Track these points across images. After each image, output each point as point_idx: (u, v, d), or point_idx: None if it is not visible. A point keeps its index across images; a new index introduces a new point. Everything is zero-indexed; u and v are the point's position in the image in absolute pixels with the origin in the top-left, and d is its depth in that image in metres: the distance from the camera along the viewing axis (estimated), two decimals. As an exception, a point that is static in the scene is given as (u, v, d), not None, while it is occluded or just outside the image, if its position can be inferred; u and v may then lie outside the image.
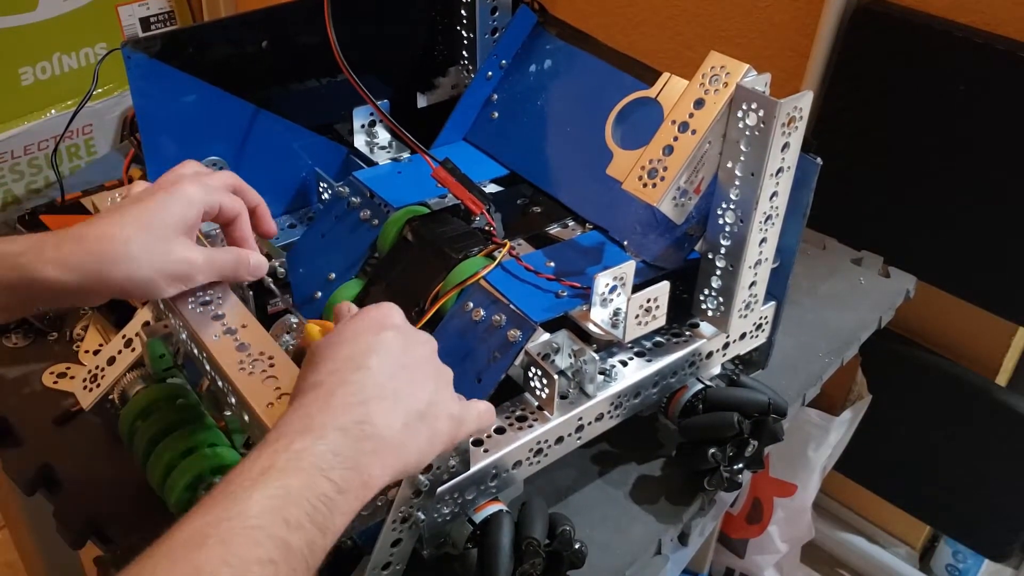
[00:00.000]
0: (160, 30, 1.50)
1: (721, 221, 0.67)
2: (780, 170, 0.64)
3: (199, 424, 0.68)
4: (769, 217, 0.66)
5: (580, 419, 0.66)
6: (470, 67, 0.93)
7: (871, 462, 1.30)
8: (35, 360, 0.87)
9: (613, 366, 0.68)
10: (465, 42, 0.92)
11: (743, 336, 0.75)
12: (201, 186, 0.63)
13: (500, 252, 0.71)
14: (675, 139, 0.64)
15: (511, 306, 0.66)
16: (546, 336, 0.65)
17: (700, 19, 1.20)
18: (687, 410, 0.73)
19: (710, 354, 0.73)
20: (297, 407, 0.49)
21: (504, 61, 0.88)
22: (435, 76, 0.96)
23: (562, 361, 0.65)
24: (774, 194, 0.65)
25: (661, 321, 0.66)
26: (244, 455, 0.48)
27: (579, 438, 0.67)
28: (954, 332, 1.19)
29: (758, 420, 0.72)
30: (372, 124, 0.89)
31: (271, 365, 0.58)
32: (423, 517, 0.58)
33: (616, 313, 0.66)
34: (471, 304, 0.67)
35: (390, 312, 0.55)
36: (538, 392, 0.65)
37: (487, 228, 0.74)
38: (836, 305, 0.97)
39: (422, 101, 0.96)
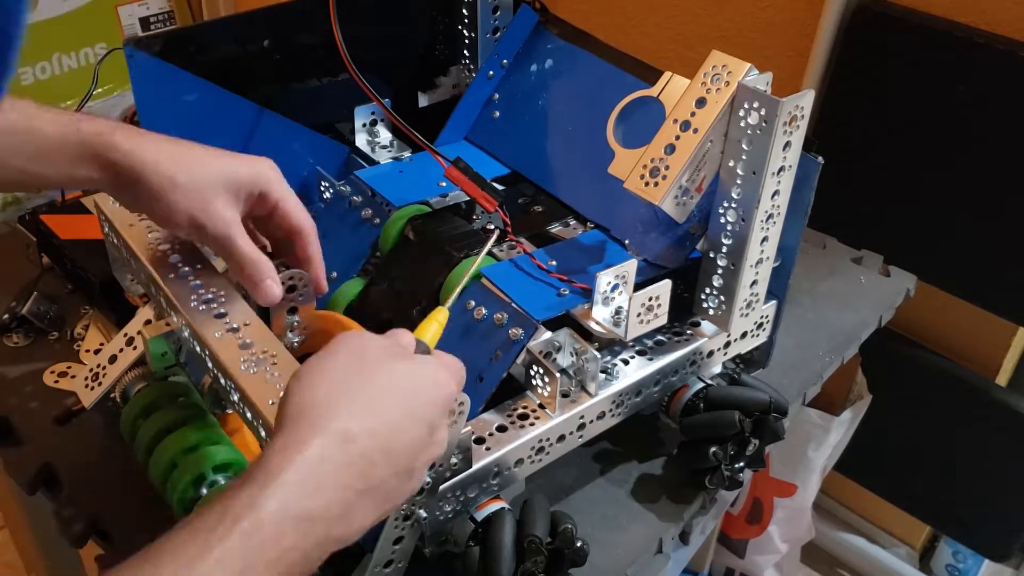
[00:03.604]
0: (160, 30, 1.50)
1: (723, 220, 0.67)
2: (782, 169, 0.64)
3: (201, 422, 0.68)
4: (770, 216, 0.66)
5: (582, 417, 0.66)
6: (471, 66, 0.93)
7: (871, 462, 1.31)
8: (36, 360, 0.87)
9: (615, 364, 0.69)
10: (466, 41, 0.92)
11: (744, 335, 0.75)
12: (276, 170, 0.64)
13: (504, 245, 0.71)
14: (677, 138, 0.64)
15: (513, 304, 0.66)
16: (548, 334, 0.65)
17: (701, 19, 1.20)
18: (688, 409, 0.73)
19: (711, 353, 0.74)
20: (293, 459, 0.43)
21: (505, 60, 0.88)
22: (436, 75, 0.96)
23: (564, 359, 0.65)
24: (775, 193, 0.65)
25: (663, 320, 0.66)
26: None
27: (581, 436, 0.67)
28: (954, 332, 1.19)
29: (759, 419, 0.72)
30: (374, 123, 0.89)
31: (274, 363, 0.58)
32: (425, 515, 0.58)
33: (618, 311, 0.66)
34: (473, 303, 0.68)
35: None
36: (540, 390, 0.65)
37: (502, 226, 0.73)
38: (836, 304, 0.97)
39: (423, 100, 0.96)
